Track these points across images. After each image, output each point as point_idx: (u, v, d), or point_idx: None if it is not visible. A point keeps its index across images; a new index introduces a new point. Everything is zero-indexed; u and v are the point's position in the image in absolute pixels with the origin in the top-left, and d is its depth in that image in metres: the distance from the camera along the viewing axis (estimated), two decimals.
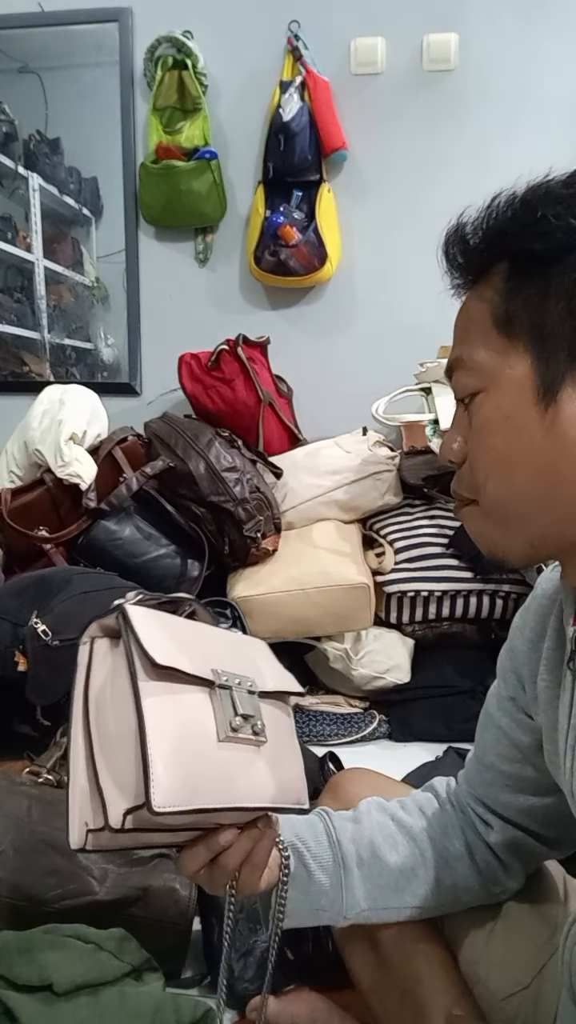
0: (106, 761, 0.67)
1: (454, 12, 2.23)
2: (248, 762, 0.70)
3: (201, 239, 2.45)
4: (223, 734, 0.68)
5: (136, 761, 0.63)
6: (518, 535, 0.65)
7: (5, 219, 2.52)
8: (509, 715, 0.83)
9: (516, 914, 0.86)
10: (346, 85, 2.29)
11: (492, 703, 0.87)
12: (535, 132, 2.24)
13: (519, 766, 0.83)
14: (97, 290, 2.57)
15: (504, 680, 0.84)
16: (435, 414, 1.96)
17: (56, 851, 1.16)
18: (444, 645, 1.93)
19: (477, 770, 0.88)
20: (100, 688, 0.72)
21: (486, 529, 0.67)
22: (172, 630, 0.73)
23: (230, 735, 0.69)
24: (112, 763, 0.66)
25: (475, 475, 0.66)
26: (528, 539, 0.65)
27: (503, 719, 0.84)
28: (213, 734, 0.68)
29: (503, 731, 0.84)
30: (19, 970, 0.97)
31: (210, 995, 1.14)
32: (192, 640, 0.73)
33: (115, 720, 0.68)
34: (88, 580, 1.69)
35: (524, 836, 0.84)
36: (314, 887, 0.82)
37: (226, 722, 0.69)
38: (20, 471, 2.07)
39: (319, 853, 0.83)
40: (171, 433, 2.08)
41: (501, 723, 0.84)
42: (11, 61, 2.45)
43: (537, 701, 0.77)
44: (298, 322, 2.45)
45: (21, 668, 1.47)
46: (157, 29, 2.33)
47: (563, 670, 0.73)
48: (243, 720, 0.70)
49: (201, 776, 0.65)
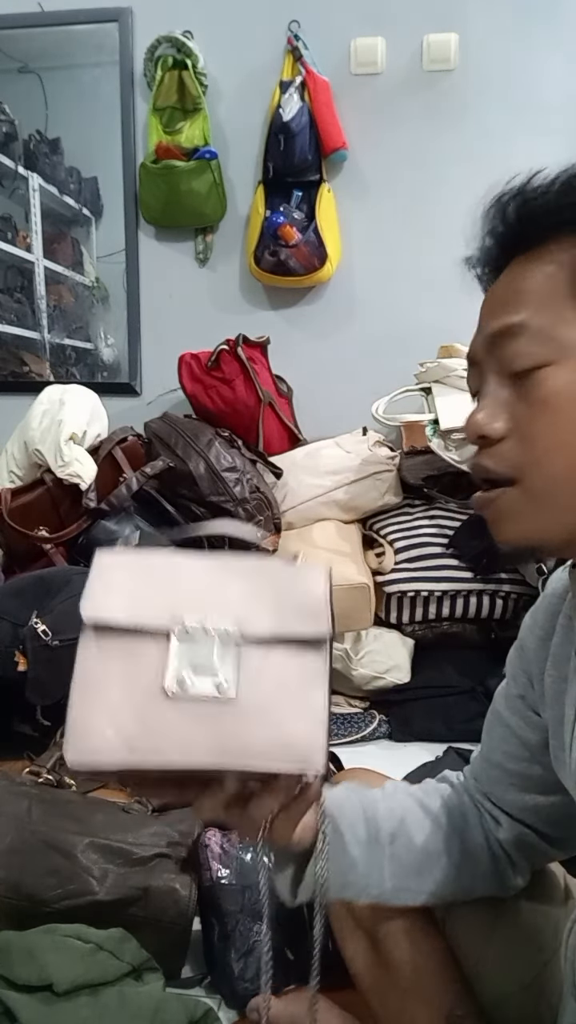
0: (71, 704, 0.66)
1: (454, 12, 2.23)
2: (210, 719, 0.63)
3: (201, 239, 2.45)
4: (172, 689, 0.63)
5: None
6: (563, 519, 0.61)
7: (5, 219, 2.52)
8: (518, 713, 0.83)
9: (518, 913, 0.86)
10: (346, 85, 2.29)
11: (500, 702, 0.86)
12: (535, 132, 2.24)
13: (526, 764, 0.83)
14: (97, 290, 2.57)
15: (514, 679, 0.84)
16: (435, 414, 1.96)
17: (56, 851, 1.16)
18: (444, 645, 1.93)
19: (483, 768, 0.88)
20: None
21: (524, 512, 0.63)
22: (140, 573, 0.68)
23: (176, 693, 0.63)
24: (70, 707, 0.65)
25: (528, 452, 0.62)
26: (572, 525, 0.62)
27: (511, 717, 0.84)
28: (159, 689, 0.64)
29: (511, 729, 0.84)
30: (19, 970, 0.97)
31: (210, 995, 1.14)
32: (164, 582, 0.68)
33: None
34: None
35: (530, 834, 0.84)
36: (346, 860, 0.79)
37: (176, 676, 0.64)
38: (20, 471, 2.07)
39: (355, 825, 0.81)
40: (171, 433, 2.08)
41: (509, 721, 0.84)
42: (11, 61, 2.45)
43: (544, 697, 0.77)
44: (298, 322, 2.45)
45: (21, 668, 1.47)
46: (157, 29, 2.33)
47: (570, 664, 0.73)
48: (197, 674, 0.64)
49: (140, 734, 0.62)
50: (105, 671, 0.64)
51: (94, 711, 0.63)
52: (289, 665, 0.66)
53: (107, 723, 0.62)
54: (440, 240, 2.29)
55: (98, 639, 0.66)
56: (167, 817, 1.29)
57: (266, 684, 0.64)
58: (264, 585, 0.69)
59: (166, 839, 1.22)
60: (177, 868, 1.19)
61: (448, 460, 1.88)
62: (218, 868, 1.18)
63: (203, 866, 1.19)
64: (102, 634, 0.66)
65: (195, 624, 0.65)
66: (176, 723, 0.63)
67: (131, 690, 0.63)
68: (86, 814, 1.25)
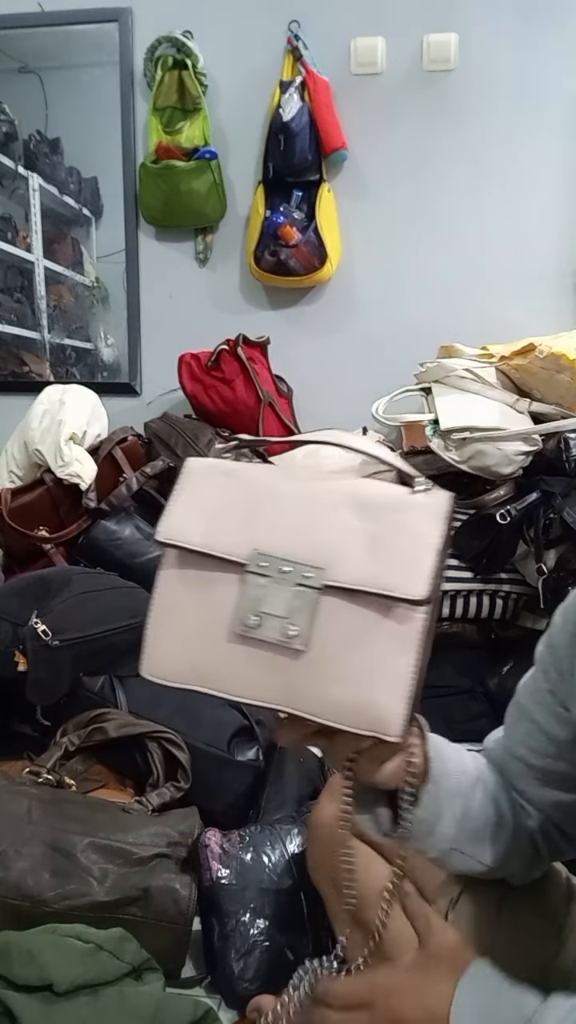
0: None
1: (454, 12, 2.23)
2: (278, 666, 0.59)
3: (201, 239, 2.45)
4: (237, 629, 0.59)
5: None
6: None
7: (5, 219, 2.52)
8: (546, 708, 0.82)
9: (520, 911, 0.86)
10: (346, 85, 2.29)
11: (525, 696, 0.85)
12: (535, 132, 2.24)
13: (550, 761, 0.82)
14: (97, 290, 2.57)
15: (544, 673, 0.83)
16: (435, 414, 1.96)
17: (56, 851, 1.16)
18: (444, 645, 1.92)
19: (506, 760, 0.87)
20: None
21: None
22: (228, 492, 0.63)
23: (242, 632, 0.59)
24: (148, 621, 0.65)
25: None
26: None
27: (539, 713, 0.83)
28: (228, 625, 0.60)
29: (538, 725, 0.83)
30: (19, 970, 0.97)
31: (210, 995, 1.15)
32: (251, 506, 0.62)
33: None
34: (88, 580, 1.69)
35: (551, 828, 0.84)
36: (433, 810, 0.76)
37: (243, 617, 0.59)
38: (20, 471, 2.07)
39: (454, 775, 0.78)
40: (171, 433, 2.08)
41: (536, 716, 0.83)
42: (11, 61, 2.45)
43: (573, 694, 0.77)
44: (298, 322, 2.45)
45: (21, 668, 1.47)
46: (157, 29, 2.33)
47: None
48: (262, 619, 0.59)
49: (209, 665, 0.60)
50: (180, 595, 0.62)
51: (167, 632, 0.62)
52: (374, 622, 0.59)
53: (179, 647, 0.61)
54: (440, 240, 2.30)
55: (179, 561, 0.63)
56: (167, 817, 1.29)
57: (345, 639, 0.58)
58: (364, 525, 0.60)
59: (166, 839, 1.22)
60: (177, 868, 1.19)
61: (448, 460, 1.88)
62: (218, 868, 1.18)
63: (203, 866, 1.19)
64: (182, 555, 0.62)
65: (272, 562, 0.59)
66: (243, 662, 0.59)
67: (203, 619, 0.61)
68: (86, 814, 1.25)
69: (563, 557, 1.67)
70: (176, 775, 1.41)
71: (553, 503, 1.66)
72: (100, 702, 1.52)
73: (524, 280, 2.29)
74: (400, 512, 0.61)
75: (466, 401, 1.91)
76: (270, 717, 1.66)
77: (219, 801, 1.44)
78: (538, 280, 2.29)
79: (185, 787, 1.39)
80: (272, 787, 1.47)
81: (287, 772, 1.51)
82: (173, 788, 1.38)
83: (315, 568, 0.59)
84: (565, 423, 1.79)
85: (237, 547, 0.60)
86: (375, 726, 0.58)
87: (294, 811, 1.36)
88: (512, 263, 2.28)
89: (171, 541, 0.62)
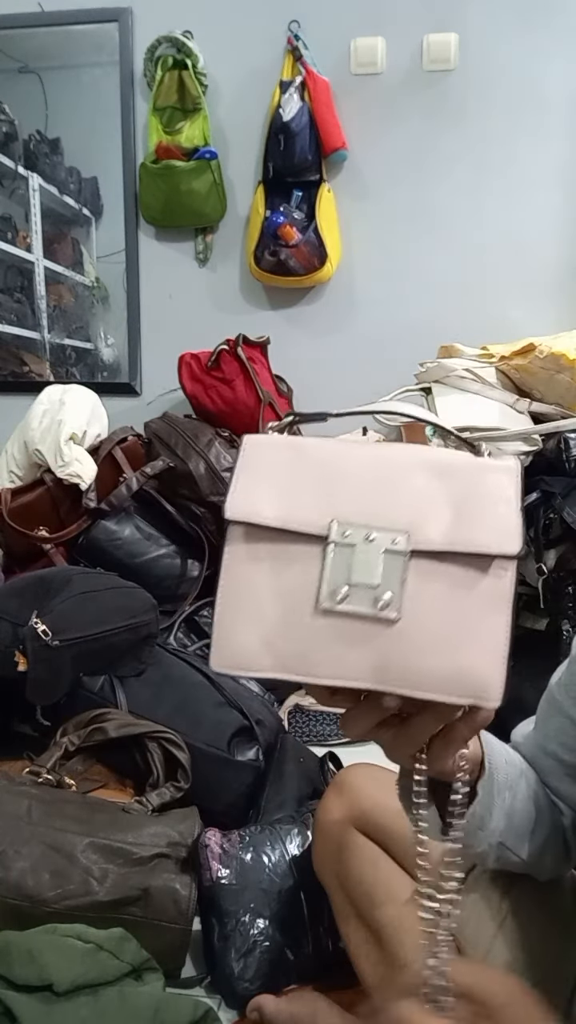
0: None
1: (454, 12, 2.23)
2: (369, 640, 0.56)
3: (201, 239, 2.45)
4: (325, 604, 0.56)
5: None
6: None
7: (5, 219, 2.52)
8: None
9: (524, 911, 0.86)
10: (346, 85, 2.29)
11: (559, 691, 0.84)
12: (535, 132, 2.24)
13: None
14: (97, 290, 2.57)
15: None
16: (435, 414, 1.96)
17: (56, 851, 1.16)
18: None
19: (536, 756, 0.85)
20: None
21: None
22: (295, 463, 0.61)
23: (330, 607, 0.56)
24: (216, 610, 0.60)
25: None
26: None
27: (573, 708, 0.82)
28: (311, 602, 0.57)
29: (572, 720, 0.82)
30: (19, 970, 0.97)
31: (210, 995, 1.14)
32: (323, 475, 0.60)
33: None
34: (88, 580, 1.69)
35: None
36: (487, 803, 0.74)
37: (330, 590, 0.56)
38: (20, 471, 2.07)
39: (504, 767, 0.75)
40: (171, 433, 2.08)
41: (571, 712, 0.82)
42: (11, 61, 2.45)
43: None
44: (298, 322, 2.45)
45: (21, 668, 1.47)
46: (157, 29, 2.33)
47: None
48: (351, 591, 0.56)
49: (289, 648, 0.57)
50: (252, 576, 0.58)
51: (240, 618, 0.57)
52: (466, 583, 0.57)
53: (254, 632, 0.57)
54: (440, 240, 2.30)
55: (247, 539, 0.59)
56: (167, 817, 1.29)
57: (437, 604, 0.56)
58: (442, 485, 0.59)
59: (166, 839, 1.22)
60: (177, 868, 1.19)
61: None
62: (218, 868, 1.18)
63: (203, 866, 1.18)
64: (251, 533, 0.59)
65: (356, 530, 0.57)
66: (329, 640, 0.56)
67: (280, 599, 0.57)
68: (86, 814, 1.25)
69: (563, 557, 1.67)
70: (176, 775, 1.40)
71: (553, 503, 1.67)
72: (100, 702, 1.52)
73: (524, 280, 2.29)
74: (476, 472, 0.60)
75: (466, 401, 1.91)
76: (272, 717, 1.66)
77: (219, 801, 1.44)
78: (538, 280, 2.29)
79: (185, 787, 1.39)
80: (272, 787, 1.47)
81: (287, 772, 1.51)
82: (173, 788, 1.38)
83: (402, 532, 0.57)
84: (565, 423, 1.79)
85: (315, 519, 0.58)
86: (476, 692, 0.55)
87: (294, 811, 1.36)
88: (512, 263, 2.28)
89: (243, 519, 0.59)
